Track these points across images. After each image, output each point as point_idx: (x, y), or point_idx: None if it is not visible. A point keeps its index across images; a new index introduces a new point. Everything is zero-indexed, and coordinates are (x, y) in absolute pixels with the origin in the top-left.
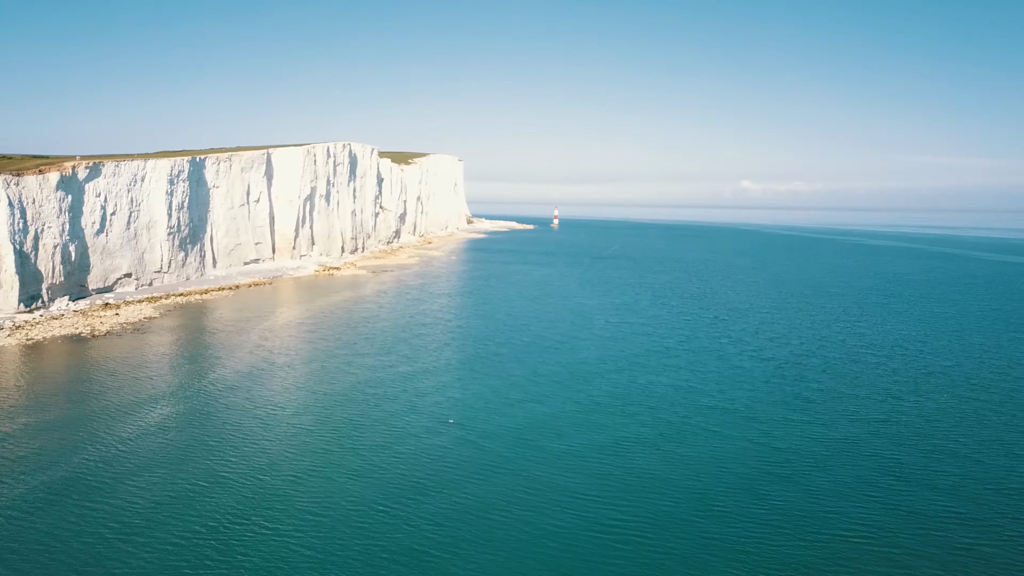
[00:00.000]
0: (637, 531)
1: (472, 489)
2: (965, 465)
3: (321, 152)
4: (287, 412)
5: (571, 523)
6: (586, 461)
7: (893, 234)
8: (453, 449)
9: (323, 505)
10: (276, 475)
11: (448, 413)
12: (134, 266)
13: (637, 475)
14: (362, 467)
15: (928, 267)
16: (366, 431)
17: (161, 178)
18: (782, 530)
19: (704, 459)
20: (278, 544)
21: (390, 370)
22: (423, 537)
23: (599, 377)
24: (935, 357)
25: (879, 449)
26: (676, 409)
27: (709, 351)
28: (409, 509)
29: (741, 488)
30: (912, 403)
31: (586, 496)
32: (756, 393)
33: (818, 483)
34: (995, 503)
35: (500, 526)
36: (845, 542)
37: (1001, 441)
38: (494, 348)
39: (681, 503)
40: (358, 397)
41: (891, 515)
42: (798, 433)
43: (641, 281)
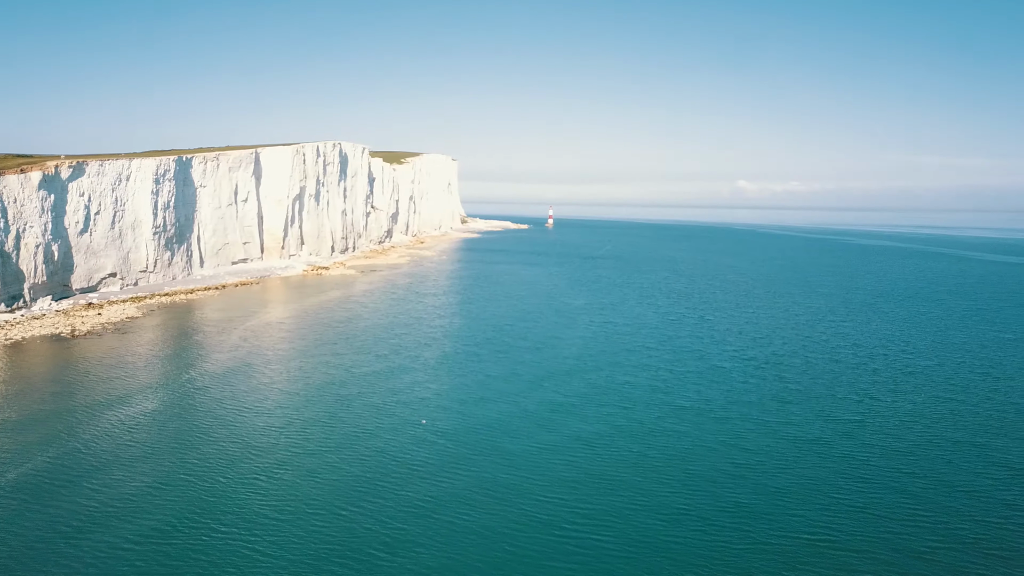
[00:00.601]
0: (585, 531)
1: (425, 488)
2: (936, 467)
3: (311, 151)
4: (254, 413)
5: (515, 521)
6: (544, 461)
7: (887, 234)
8: (414, 449)
9: (274, 506)
10: (231, 476)
11: (420, 413)
12: (119, 266)
13: (595, 476)
14: (318, 467)
15: (919, 267)
16: (331, 431)
17: (146, 177)
18: (735, 531)
19: (669, 459)
20: (224, 546)
21: (366, 370)
22: (371, 536)
23: (576, 377)
24: (916, 357)
25: (850, 450)
26: (650, 409)
27: (690, 351)
28: (360, 509)
29: (700, 489)
30: (888, 404)
31: (535, 495)
32: (732, 394)
33: (783, 484)
34: (962, 506)
35: (447, 525)
36: (801, 544)
37: (974, 443)
38: (474, 348)
39: (635, 503)
40: (330, 397)
41: (852, 518)
42: (770, 434)
43: (629, 281)
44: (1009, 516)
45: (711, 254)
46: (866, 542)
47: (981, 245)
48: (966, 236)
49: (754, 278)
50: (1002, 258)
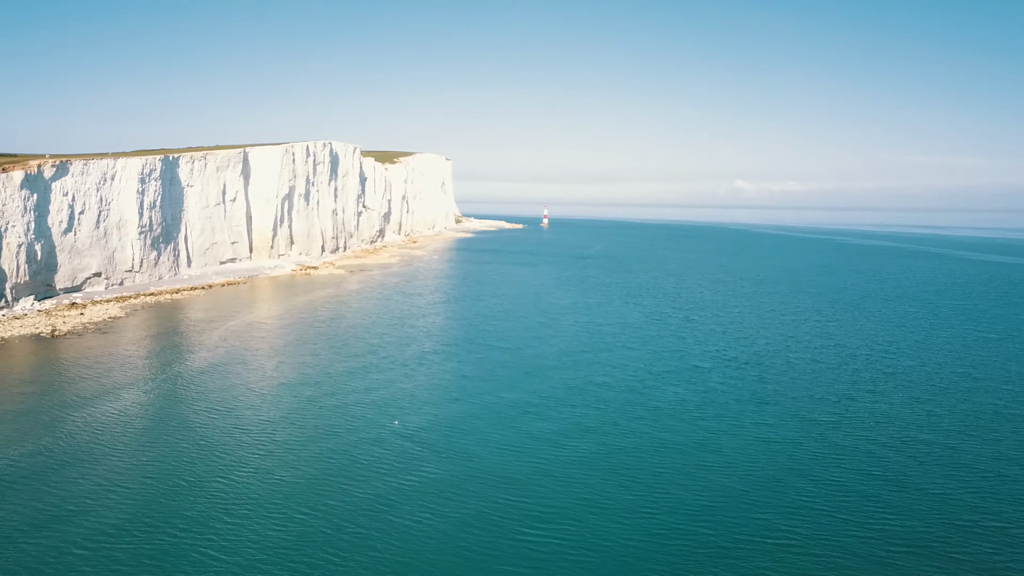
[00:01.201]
0: (532, 530)
1: (380, 487)
2: (905, 470)
3: (300, 151)
4: (220, 414)
5: (463, 521)
6: (504, 461)
7: (882, 234)
8: (374, 448)
9: (226, 508)
10: (187, 477)
11: (391, 413)
12: (104, 265)
13: (552, 476)
14: (274, 467)
15: (909, 267)
16: (295, 431)
17: (132, 177)
18: (688, 534)
19: (633, 460)
20: (174, 548)
21: (341, 370)
22: (321, 538)
23: (553, 377)
24: (898, 357)
25: (821, 452)
26: (623, 410)
27: (671, 351)
28: (312, 509)
29: (659, 490)
30: (865, 405)
31: (486, 495)
32: (709, 394)
33: (748, 487)
34: (928, 510)
35: (396, 524)
36: (753, 547)
37: (947, 445)
38: (453, 348)
39: (591, 504)
40: (301, 397)
41: (813, 521)
42: (742, 435)
43: (617, 281)
44: (976, 520)
45: (703, 254)
46: (823, 546)
47: (974, 245)
48: (960, 236)
49: (743, 278)
50: (994, 258)
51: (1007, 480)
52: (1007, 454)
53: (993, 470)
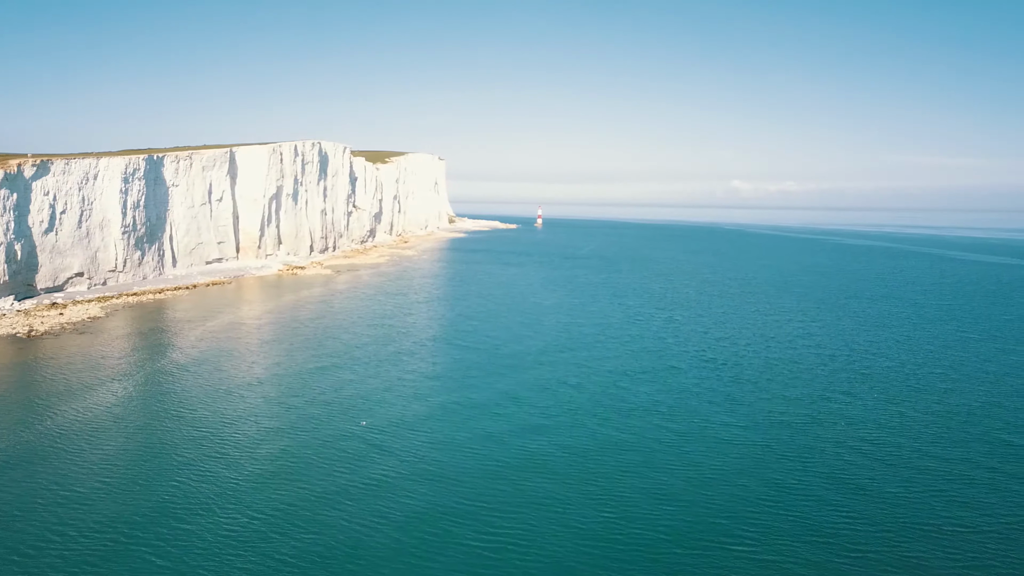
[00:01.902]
0: (458, 532)
1: (322, 484)
2: (871, 473)
3: (288, 150)
4: (178, 417)
5: (382, 517)
6: (453, 461)
7: (877, 234)
8: (320, 447)
9: (159, 509)
10: (123, 480)
11: (356, 412)
12: (86, 265)
13: (496, 475)
14: (220, 468)
15: (899, 267)
16: (256, 430)
17: (115, 176)
18: (630, 539)
19: (595, 462)
20: (108, 551)
21: (314, 368)
22: (255, 531)
23: (525, 378)
24: (877, 358)
25: (788, 453)
26: (592, 410)
27: (650, 351)
28: (239, 510)
29: (613, 493)
30: (839, 405)
31: (417, 496)
32: (683, 395)
33: (709, 489)
34: (887, 516)
35: (316, 521)
36: (723, 549)
37: (914, 447)
38: (429, 348)
39: (530, 507)
40: (267, 396)
41: (768, 525)
42: (711, 437)
43: (605, 281)
44: (936, 524)
45: (694, 254)
46: (769, 551)
47: (966, 245)
48: (954, 236)
49: (731, 278)
50: (984, 258)
51: (972, 483)
52: (973, 457)
53: (958, 473)
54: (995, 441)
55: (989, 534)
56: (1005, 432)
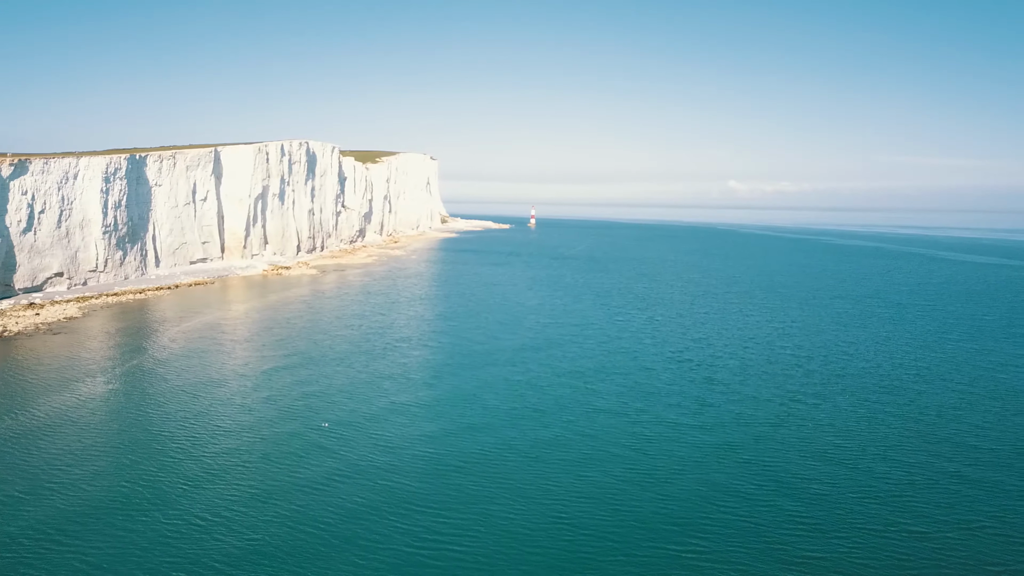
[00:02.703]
0: (452, 541)
1: (264, 481)
2: (834, 475)
3: (274, 150)
4: (141, 416)
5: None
6: (380, 460)
7: (869, 234)
8: (275, 444)
9: (103, 509)
10: (80, 480)
11: (317, 414)
12: (66, 265)
13: (481, 481)
14: (165, 465)
15: (888, 267)
16: (214, 429)
17: (95, 176)
18: (588, 544)
19: (562, 463)
20: (58, 557)
21: (281, 368)
22: (194, 526)
23: (498, 378)
24: (853, 359)
25: (753, 456)
26: (565, 413)
27: (626, 351)
28: (184, 504)
29: (572, 497)
30: (810, 406)
31: (360, 491)
32: (654, 396)
33: (668, 493)
34: (841, 521)
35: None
36: (678, 554)
37: (880, 448)
38: (406, 349)
39: (511, 509)
40: (231, 397)
41: (736, 525)
42: (676, 438)
43: (591, 281)
44: (892, 526)
45: (684, 254)
46: (733, 554)
47: (958, 245)
48: (946, 236)
49: (718, 278)
50: (973, 258)
51: (934, 485)
52: (937, 462)
53: (923, 474)
54: (961, 444)
55: (945, 540)
56: (972, 435)
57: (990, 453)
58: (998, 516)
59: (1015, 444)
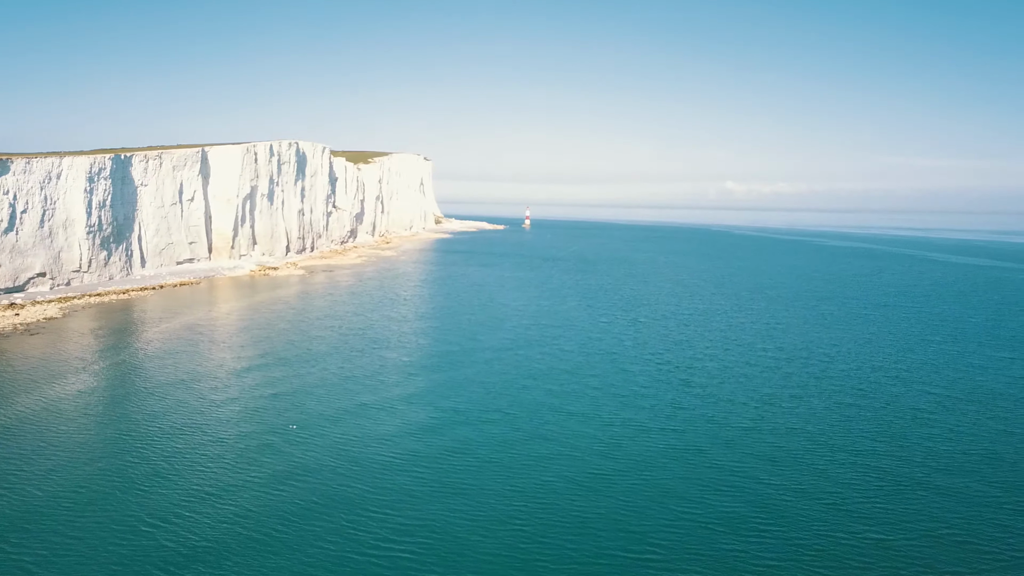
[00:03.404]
0: (406, 546)
1: (218, 479)
2: (800, 477)
3: (263, 150)
4: (101, 417)
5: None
6: (382, 467)
7: (863, 235)
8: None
9: (71, 516)
10: (37, 483)
11: (290, 417)
12: (49, 265)
13: (431, 484)
14: (121, 465)
15: (878, 269)
16: (179, 433)
17: (79, 176)
18: (539, 548)
19: (520, 466)
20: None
21: (257, 370)
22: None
23: (472, 381)
24: (834, 361)
25: (720, 460)
26: (531, 414)
27: (605, 353)
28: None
29: (530, 501)
30: (785, 410)
31: (303, 489)
32: (628, 399)
33: (632, 498)
34: (810, 525)
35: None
36: (613, 555)
37: (852, 450)
38: (382, 351)
39: (460, 513)
40: (202, 401)
41: (690, 532)
42: (646, 442)
43: (578, 283)
44: (857, 532)
45: (676, 255)
46: (680, 562)
47: (950, 247)
48: (940, 238)
49: (706, 279)
50: (965, 260)
51: (902, 488)
52: (909, 464)
53: (892, 477)
54: (932, 450)
55: (907, 549)
56: (944, 440)
57: (962, 457)
58: (961, 524)
59: (985, 448)
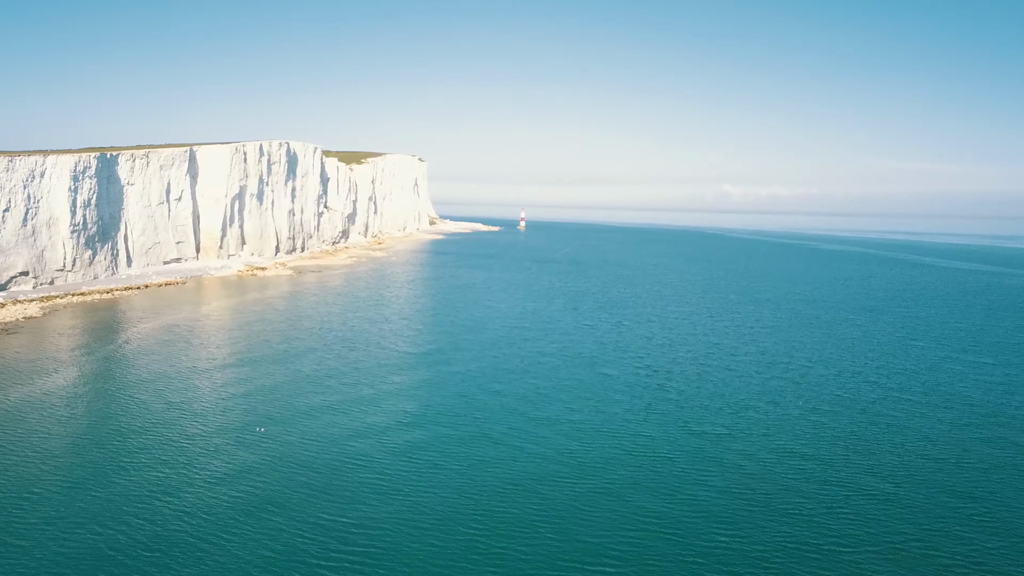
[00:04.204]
0: (336, 545)
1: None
2: (770, 489)
3: (252, 150)
4: (66, 419)
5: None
6: (344, 472)
7: (856, 239)
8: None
9: (38, 517)
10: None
11: (259, 421)
12: (32, 264)
13: (371, 485)
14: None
15: (870, 273)
16: (146, 435)
17: (63, 174)
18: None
19: (474, 475)
20: None
21: (225, 371)
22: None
23: (446, 385)
24: (815, 366)
25: (690, 467)
26: (502, 419)
27: (585, 357)
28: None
29: (489, 506)
30: (760, 416)
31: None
32: (601, 404)
33: (592, 504)
34: (774, 535)
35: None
36: (552, 560)
37: (823, 458)
38: (358, 355)
39: (388, 511)
40: (171, 401)
41: (645, 546)
42: (615, 449)
43: (567, 285)
44: (821, 544)
45: (667, 258)
46: (639, 570)
47: (944, 251)
48: (934, 242)
49: (695, 283)
50: (958, 264)
51: (873, 497)
52: (878, 476)
53: (862, 487)
54: (908, 457)
55: (870, 564)
56: (921, 446)
57: (934, 464)
58: (924, 537)
59: (957, 457)
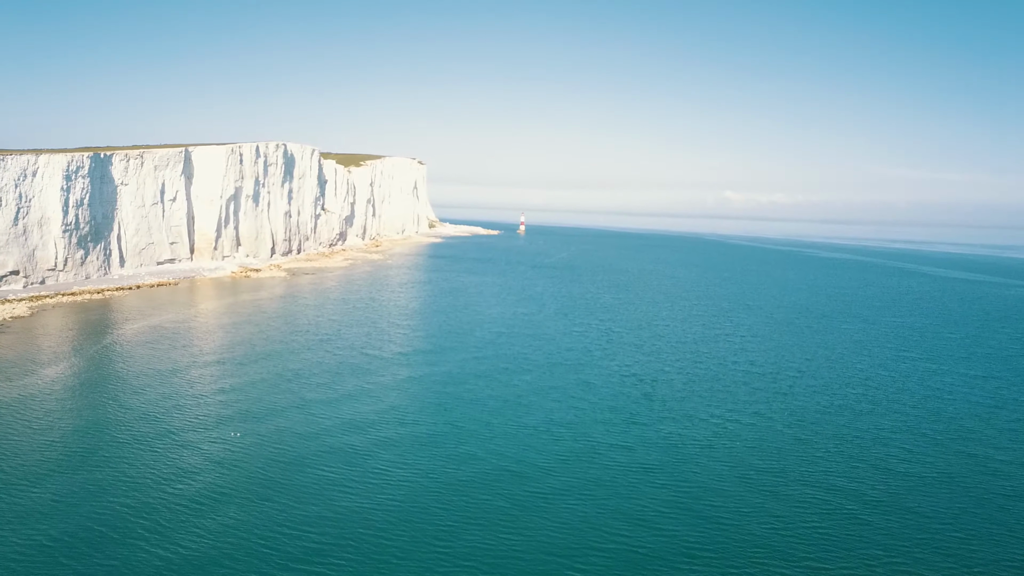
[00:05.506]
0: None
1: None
2: (753, 500)
3: (248, 151)
4: (36, 421)
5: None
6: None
7: (855, 247)
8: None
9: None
10: None
11: (234, 419)
12: (23, 263)
13: (362, 499)
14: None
15: (866, 282)
16: (125, 446)
17: (55, 174)
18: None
19: (454, 481)
20: None
21: (206, 376)
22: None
23: (426, 391)
24: (804, 377)
25: (668, 481)
26: (485, 428)
27: (570, 364)
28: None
29: (461, 516)
30: (745, 427)
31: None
32: (584, 412)
33: (570, 518)
34: (745, 552)
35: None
36: None
37: (803, 473)
38: (340, 358)
39: (389, 527)
40: (150, 403)
41: (621, 556)
42: (591, 460)
43: (560, 291)
44: (787, 562)
45: (663, 264)
46: None
47: (943, 261)
48: (933, 252)
49: (690, 290)
50: (956, 274)
51: (849, 518)
52: (861, 487)
53: (840, 508)
54: (891, 471)
55: None
56: (900, 462)
57: (916, 480)
58: (906, 552)
59: (941, 471)
